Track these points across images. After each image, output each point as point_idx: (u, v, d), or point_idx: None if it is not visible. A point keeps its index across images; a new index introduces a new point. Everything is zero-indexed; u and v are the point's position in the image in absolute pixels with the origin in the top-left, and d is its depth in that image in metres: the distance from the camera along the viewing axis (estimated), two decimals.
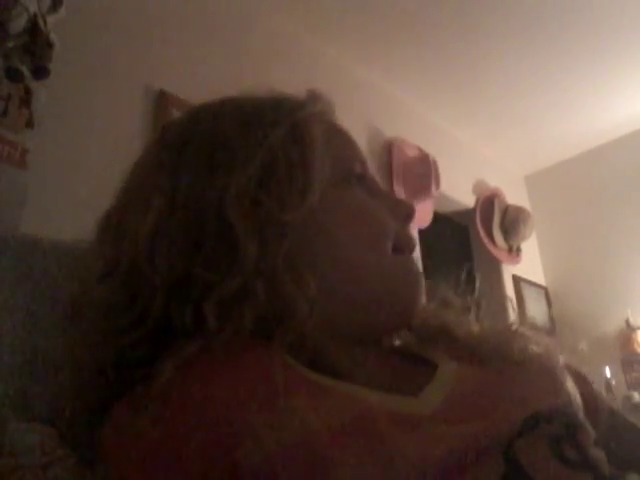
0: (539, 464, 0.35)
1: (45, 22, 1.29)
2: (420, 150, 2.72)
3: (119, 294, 0.42)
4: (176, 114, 1.76)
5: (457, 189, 2.98)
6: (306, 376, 0.38)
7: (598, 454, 0.37)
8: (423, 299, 0.49)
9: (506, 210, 3.16)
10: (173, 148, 0.47)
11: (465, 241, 3.19)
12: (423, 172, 2.55)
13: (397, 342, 0.54)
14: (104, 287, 0.42)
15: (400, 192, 2.51)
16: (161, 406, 0.36)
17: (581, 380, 0.48)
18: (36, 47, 1.29)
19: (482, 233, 3.01)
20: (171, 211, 0.42)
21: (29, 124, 1.39)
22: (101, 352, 0.40)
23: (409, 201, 0.52)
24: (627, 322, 3.00)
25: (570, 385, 0.44)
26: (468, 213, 3.08)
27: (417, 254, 2.19)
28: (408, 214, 0.51)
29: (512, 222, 3.11)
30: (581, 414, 0.41)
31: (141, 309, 0.40)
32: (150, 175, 0.46)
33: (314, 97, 0.53)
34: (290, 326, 0.40)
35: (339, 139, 0.52)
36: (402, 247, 0.49)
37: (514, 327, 0.52)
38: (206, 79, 1.87)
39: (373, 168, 2.28)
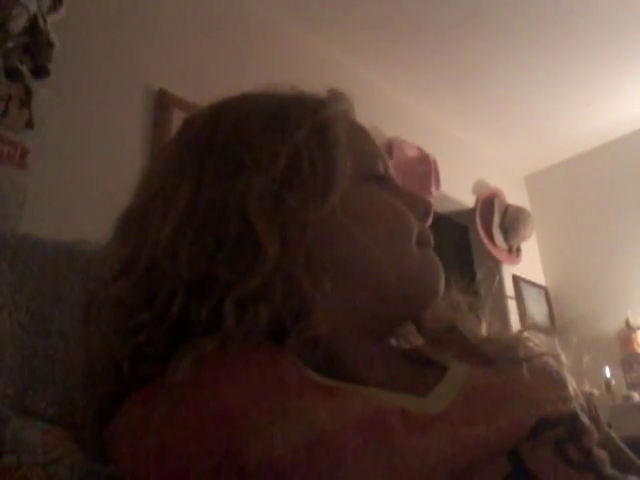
0: (542, 464, 0.35)
1: (45, 22, 1.29)
2: (420, 150, 2.72)
3: (136, 292, 0.42)
4: (176, 113, 1.76)
5: (457, 189, 2.98)
6: (316, 379, 0.38)
7: (601, 455, 0.38)
8: (443, 288, 0.49)
9: (506, 210, 3.16)
10: (195, 147, 0.47)
11: (465, 241, 3.18)
12: (423, 172, 2.55)
13: (407, 346, 0.54)
14: (120, 285, 0.42)
15: None
16: (173, 404, 0.36)
17: (585, 396, 0.48)
18: (36, 47, 1.29)
19: (482, 233, 3.01)
20: (194, 211, 0.42)
21: (29, 124, 1.39)
22: (117, 349, 0.40)
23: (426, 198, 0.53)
24: (627, 322, 3.00)
25: (574, 388, 0.44)
26: (468, 213, 3.07)
27: None
28: (426, 211, 0.52)
29: (512, 222, 3.11)
30: (585, 417, 0.42)
31: (160, 307, 0.40)
32: (172, 174, 0.46)
33: (336, 96, 0.53)
34: (305, 325, 0.40)
35: (361, 137, 0.52)
36: (423, 241, 0.50)
37: (520, 331, 0.53)
38: (206, 78, 1.87)
39: None
